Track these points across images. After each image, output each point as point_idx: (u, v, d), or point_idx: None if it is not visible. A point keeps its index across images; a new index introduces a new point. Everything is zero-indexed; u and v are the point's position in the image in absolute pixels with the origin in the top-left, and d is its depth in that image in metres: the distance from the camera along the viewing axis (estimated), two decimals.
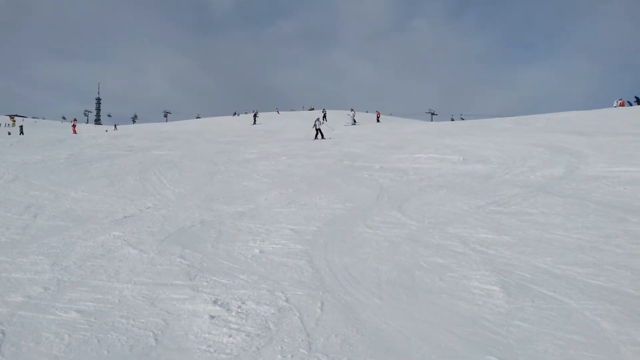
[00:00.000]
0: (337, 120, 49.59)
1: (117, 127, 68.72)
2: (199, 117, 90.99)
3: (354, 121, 45.12)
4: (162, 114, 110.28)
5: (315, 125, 30.79)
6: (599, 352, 4.47)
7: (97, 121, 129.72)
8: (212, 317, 5.28)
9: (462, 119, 78.22)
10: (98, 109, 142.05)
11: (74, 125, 47.54)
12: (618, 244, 7.65)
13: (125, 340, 4.78)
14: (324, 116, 59.39)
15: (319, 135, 29.87)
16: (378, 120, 51.87)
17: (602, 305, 5.48)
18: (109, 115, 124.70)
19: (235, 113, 79.50)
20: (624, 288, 5.95)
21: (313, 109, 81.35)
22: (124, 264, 7.16)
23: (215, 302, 5.69)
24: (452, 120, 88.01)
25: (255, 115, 55.70)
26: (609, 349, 4.53)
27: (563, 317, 5.21)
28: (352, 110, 49.58)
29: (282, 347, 4.62)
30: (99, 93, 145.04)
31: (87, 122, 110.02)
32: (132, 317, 5.32)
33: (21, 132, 47.60)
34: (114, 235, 8.78)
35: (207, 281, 6.44)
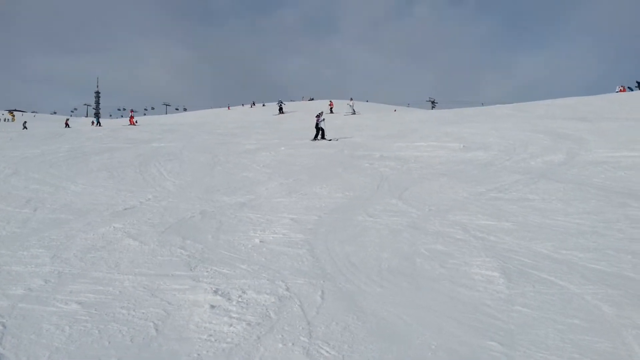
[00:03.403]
0: (336, 109, 49.64)
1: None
2: (186, 110, 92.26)
3: (354, 111, 45.04)
4: (163, 106, 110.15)
5: (317, 122, 24.10)
6: (600, 336, 4.46)
7: (97, 115, 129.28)
8: (212, 306, 5.28)
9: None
10: (97, 103, 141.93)
11: (131, 117, 47.58)
12: (619, 228, 7.64)
13: (126, 330, 4.78)
14: (280, 108, 57.91)
15: (319, 136, 23.76)
16: (331, 111, 48.70)
17: (603, 289, 5.47)
18: (120, 109, 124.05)
19: (254, 103, 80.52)
20: (625, 272, 5.94)
21: (312, 99, 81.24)
22: (124, 256, 7.15)
23: (215, 291, 5.68)
24: (434, 105, 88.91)
25: (280, 105, 58.31)
26: (610, 333, 4.52)
27: (564, 302, 5.20)
28: (351, 99, 49.40)
29: (282, 336, 4.61)
30: (97, 86, 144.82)
31: (86, 116, 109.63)
32: (132, 307, 5.31)
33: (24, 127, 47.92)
34: (114, 227, 8.77)
35: (207, 271, 6.44)
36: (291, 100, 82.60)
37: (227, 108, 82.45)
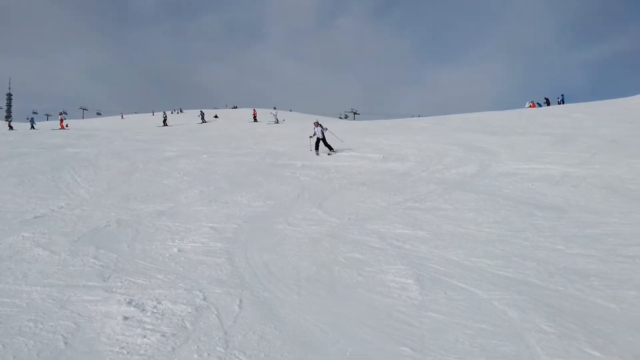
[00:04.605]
0: (259, 118, 49.72)
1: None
2: (100, 114, 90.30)
3: (277, 120, 45.15)
4: (79, 111, 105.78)
5: (315, 132, 20.41)
6: (505, 340, 4.69)
7: (8, 118, 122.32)
8: (125, 318, 5.15)
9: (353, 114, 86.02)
10: (9, 105, 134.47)
11: (61, 120, 44.43)
12: (525, 237, 8.05)
13: (33, 344, 4.58)
14: (202, 117, 52.31)
15: (325, 147, 20.18)
16: (255, 120, 49.81)
17: (509, 295, 5.75)
18: (35, 113, 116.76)
19: (153, 112, 77.44)
20: (529, 279, 6.26)
21: (236, 107, 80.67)
22: (33, 266, 6.84)
23: (129, 302, 5.54)
24: (347, 116, 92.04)
25: (164, 117, 50.73)
26: (514, 337, 4.76)
27: (473, 308, 5.43)
28: (274, 108, 49.54)
29: (198, 346, 4.56)
30: (9, 88, 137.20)
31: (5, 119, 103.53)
32: (40, 320, 5.10)
33: None
34: (22, 236, 8.37)
35: (121, 282, 6.26)
36: (214, 108, 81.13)
37: (120, 117, 78.41)
